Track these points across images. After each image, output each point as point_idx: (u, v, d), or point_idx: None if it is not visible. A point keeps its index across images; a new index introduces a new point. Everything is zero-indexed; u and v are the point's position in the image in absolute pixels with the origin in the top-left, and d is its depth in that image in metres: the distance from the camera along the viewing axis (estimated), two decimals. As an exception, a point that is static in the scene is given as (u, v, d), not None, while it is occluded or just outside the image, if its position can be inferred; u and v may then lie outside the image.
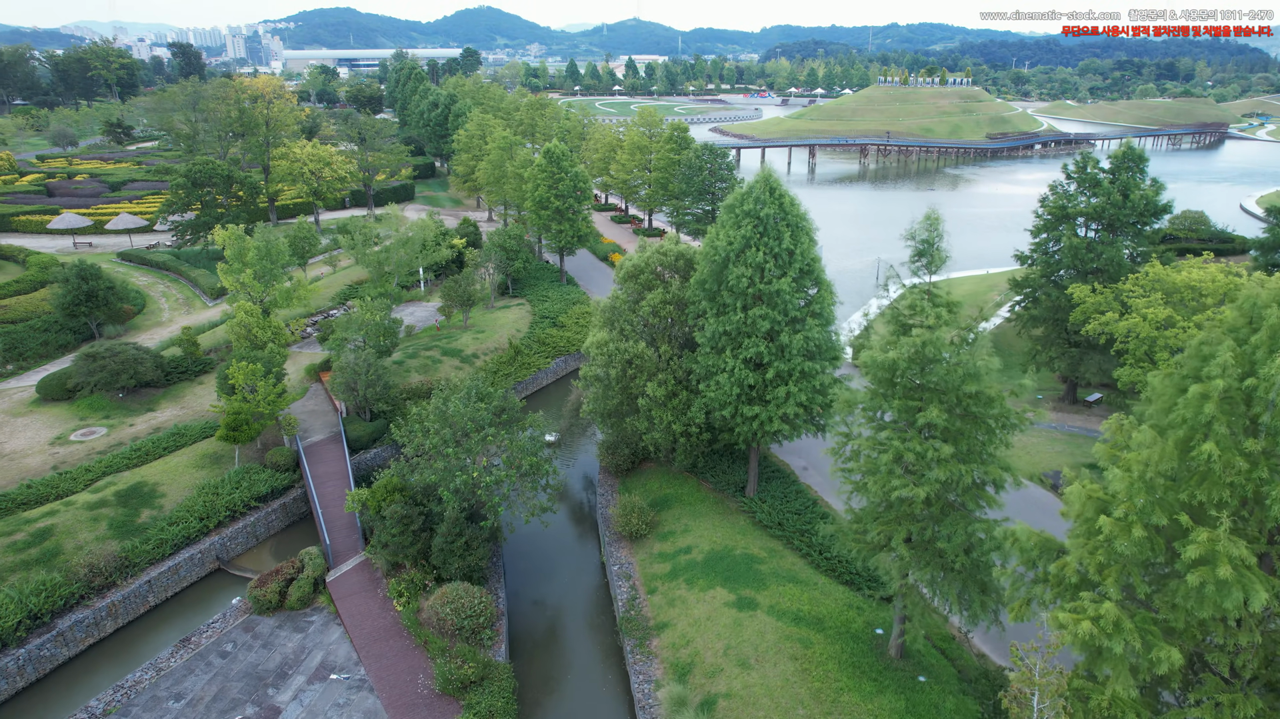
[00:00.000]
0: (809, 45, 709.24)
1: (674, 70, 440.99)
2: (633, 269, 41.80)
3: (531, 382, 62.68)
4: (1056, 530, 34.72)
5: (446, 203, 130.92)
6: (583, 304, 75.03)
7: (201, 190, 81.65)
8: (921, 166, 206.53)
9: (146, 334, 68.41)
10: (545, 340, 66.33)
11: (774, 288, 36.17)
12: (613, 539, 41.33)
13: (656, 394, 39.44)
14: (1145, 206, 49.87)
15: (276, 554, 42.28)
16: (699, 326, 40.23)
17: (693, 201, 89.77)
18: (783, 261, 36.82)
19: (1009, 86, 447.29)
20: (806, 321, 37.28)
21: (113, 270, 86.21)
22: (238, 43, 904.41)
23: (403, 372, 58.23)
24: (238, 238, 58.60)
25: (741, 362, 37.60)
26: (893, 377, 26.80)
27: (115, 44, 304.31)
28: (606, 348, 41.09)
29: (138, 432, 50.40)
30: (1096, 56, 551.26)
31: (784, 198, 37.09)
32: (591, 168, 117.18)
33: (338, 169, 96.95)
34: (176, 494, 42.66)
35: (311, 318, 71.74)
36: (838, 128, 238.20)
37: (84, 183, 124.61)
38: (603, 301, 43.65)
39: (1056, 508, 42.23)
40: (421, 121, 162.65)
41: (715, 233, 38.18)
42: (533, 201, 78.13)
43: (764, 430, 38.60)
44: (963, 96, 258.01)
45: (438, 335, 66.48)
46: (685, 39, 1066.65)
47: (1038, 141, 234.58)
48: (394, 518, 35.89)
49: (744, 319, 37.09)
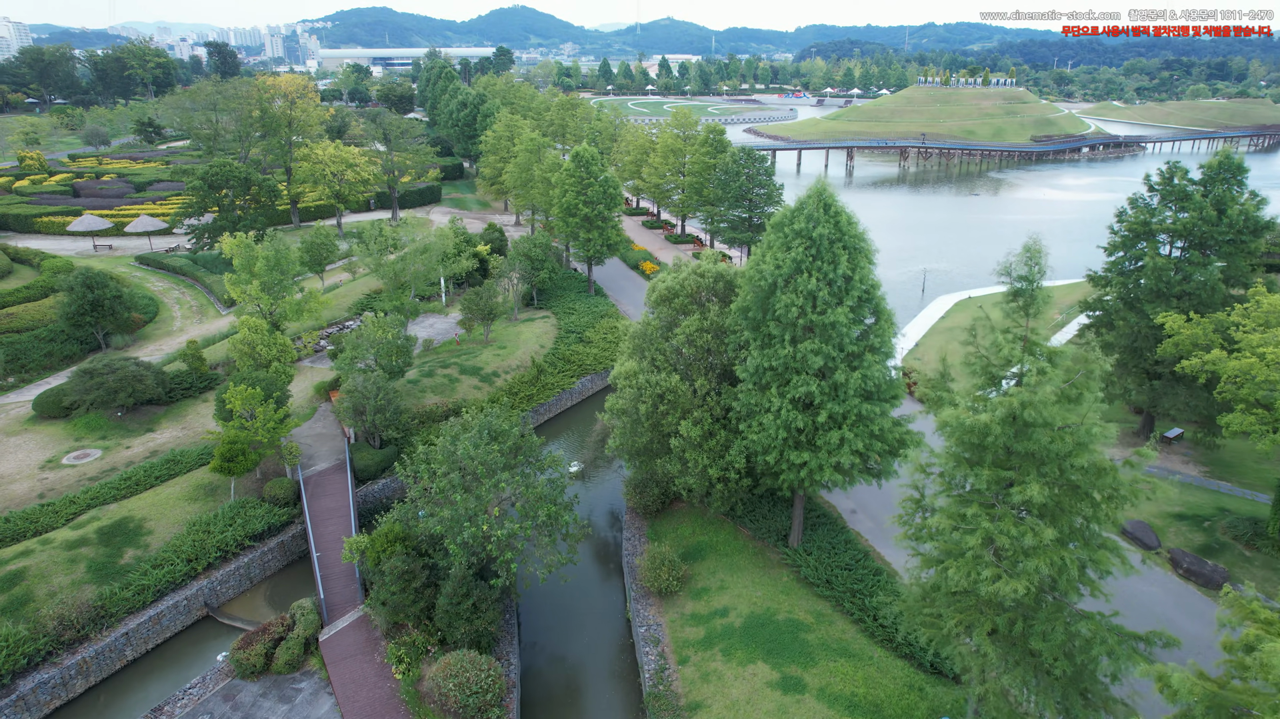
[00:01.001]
0: (844, 45, 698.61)
1: (708, 70, 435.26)
2: (666, 292, 37.39)
3: (555, 403, 58.58)
4: (1156, 601, 29.82)
5: (474, 205, 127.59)
6: (611, 317, 70.80)
7: (219, 193, 78.85)
8: (963, 170, 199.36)
9: (155, 344, 65.53)
10: (570, 358, 62.18)
11: (828, 319, 31.55)
12: (640, 594, 36.98)
13: (691, 434, 35.03)
14: (1245, 223, 44.25)
15: (271, 600, 38.59)
16: (740, 359, 35.74)
17: (729, 208, 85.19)
18: (838, 289, 32.19)
19: (1051, 87, 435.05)
20: (864, 357, 32.61)
21: (129, 275, 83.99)
22: (276, 42, 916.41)
23: (417, 392, 54.45)
24: (245, 247, 55.29)
25: (789, 401, 33.04)
26: (981, 441, 22.09)
27: (152, 44, 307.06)
28: (635, 380, 36.75)
29: (134, 455, 47.15)
30: (1141, 56, 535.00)
31: (840, 215, 32.45)
32: (622, 170, 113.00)
33: (360, 171, 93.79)
34: (165, 531, 39.13)
35: (326, 329, 68.38)
36: (876, 129, 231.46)
37: (110, 183, 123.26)
38: (631, 327, 39.31)
39: (1153, 573, 37.09)
40: (450, 121, 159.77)
41: (761, 254, 33.66)
42: (560, 208, 74.09)
43: (813, 479, 34.01)
44: (1006, 98, 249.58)
45: (457, 350, 62.69)
46: (719, 38, 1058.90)
47: (1085, 144, 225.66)
48: (394, 574, 31.89)
49: (793, 353, 32.53)
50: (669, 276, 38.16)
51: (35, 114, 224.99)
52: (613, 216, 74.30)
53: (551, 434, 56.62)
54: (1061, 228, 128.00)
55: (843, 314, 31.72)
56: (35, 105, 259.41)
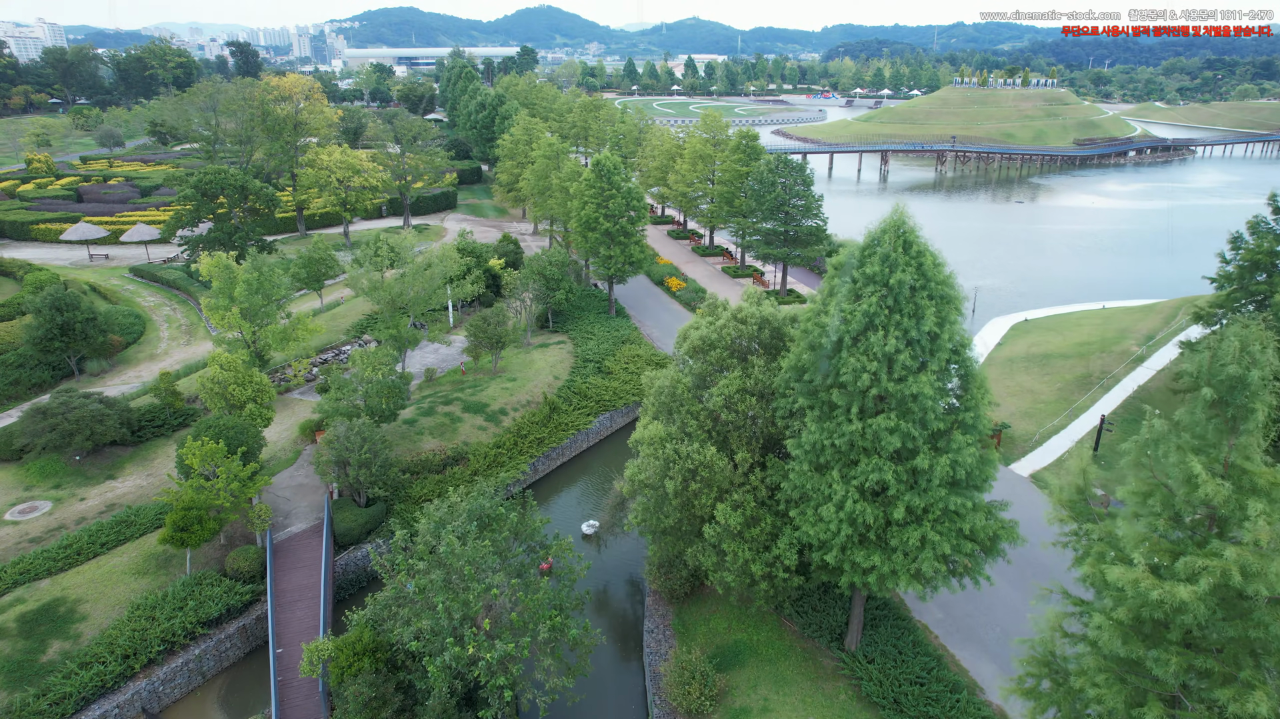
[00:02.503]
0: (872, 44, 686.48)
1: (734, 70, 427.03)
2: (700, 343, 30.67)
3: (569, 445, 52.07)
4: None
5: (490, 212, 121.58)
6: (634, 343, 64.16)
7: (214, 201, 73.30)
8: (1003, 175, 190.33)
9: (136, 370, 59.96)
10: (587, 393, 55.64)
11: (909, 390, 24.73)
12: (665, 712, 30.30)
13: (730, 521, 28.33)
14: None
15: (226, 702, 32.39)
16: (792, 429, 28.99)
17: (762, 219, 77.98)
18: (922, 350, 25.34)
19: (1088, 87, 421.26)
20: (953, 437, 25.74)
21: (120, 288, 78.86)
22: (304, 42, 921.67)
23: (413, 434, 48.18)
24: (224, 268, 49.36)
25: (856, 489, 26.25)
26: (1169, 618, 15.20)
27: (174, 43, 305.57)
28: (663, 450, 30.09)
29: (87, 509, 41.35)
30: (1179, 55, 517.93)
31: (924, 256, 25.61)
32: (647, 176, 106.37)
33: (368, 178, 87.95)
34: (102, 616, 33.11)
35: (322, 354, 62.47)
36: (911, 132, 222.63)
37: (115, 187, 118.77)
38: (657, 379, 32.61)
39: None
40: (469, 123, 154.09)
41: (822, 303, 26.90)
42: (578, 221, 67.61)
43: (884, 587, 27.19)
44: (1047, 99, 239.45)
45: (461, 382, 56.43)
46: (745, 38, 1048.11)
47: (1131, 148, 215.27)
48: (358, 700, 25.52)
49: (861, 430, 25.73)
50: (704, 323, 31.42)
51: (58, 115, 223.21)
52: (636, 231, 67.67)
53: (564, 482, 50.14)
54: (1114, 239, 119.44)
55: (927, 384, 24.87)
56: (59, 106, 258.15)
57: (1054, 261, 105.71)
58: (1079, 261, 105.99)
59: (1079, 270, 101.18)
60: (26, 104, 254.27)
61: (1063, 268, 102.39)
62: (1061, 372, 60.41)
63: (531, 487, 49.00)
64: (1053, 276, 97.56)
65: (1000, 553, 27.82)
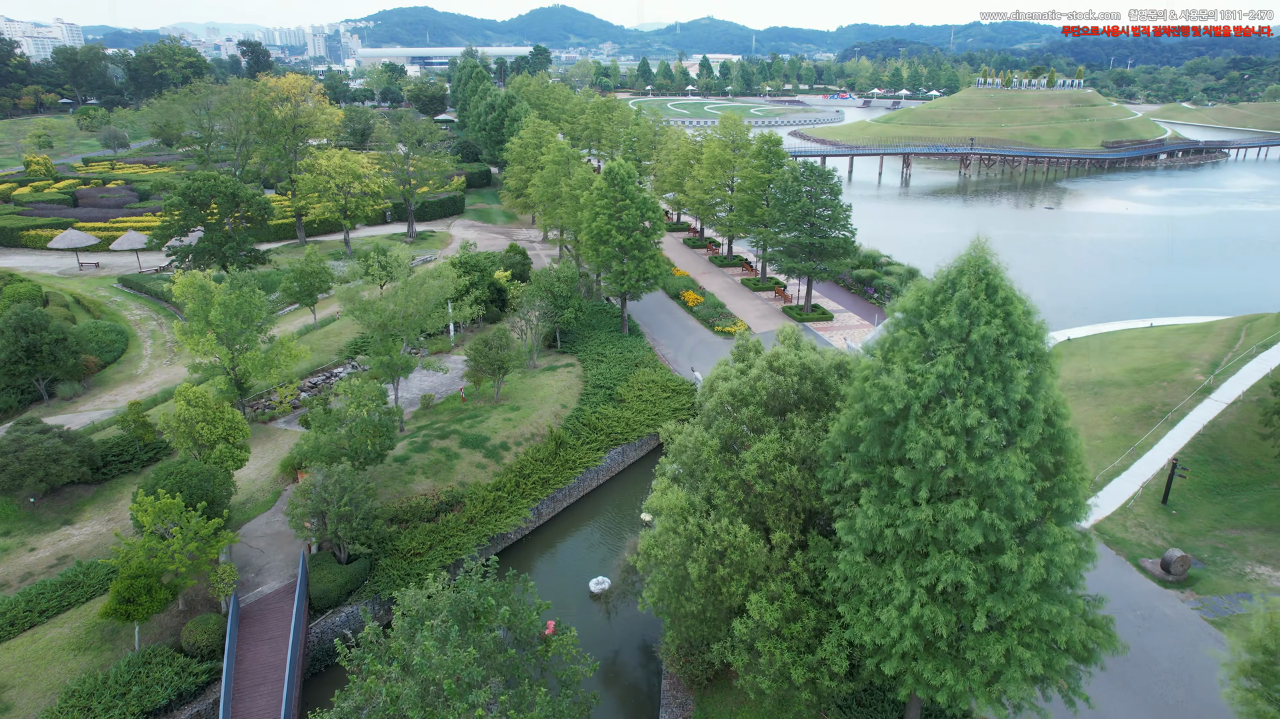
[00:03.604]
0: (888, 44, 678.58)
1: (750, 70, 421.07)
2: (730, 397, 25.78)
3: (577, 485, 47.28)
4: None
5: (499, 218, 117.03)
6: (648, 366, 59.26)
7: (203, 210, 69.03)
8: (1029, 178, 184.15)
9: (112, 394, 55.67)
10: (597, 425, 50.83)
11: (994, 473, 19.79)
12: (684, 839, 25.48)
13: (766, 617, 23.48)
14: None
15: (170, 808, 27.84)
16: (842, 506, 24.07)
17: (784, 230, 72.75)
18: (1009, 421, 20.39)
19: (1111, 88, 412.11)
20: (1046, 529, 20.76)
21: (107, 300, 74.84)
22: (319, 41, 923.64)
23: (404, 474, 43.52)
24: (199, 288, 44.88)
25: (924, 590, 21.31)
26: None
27: (190, 42, 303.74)
28: (685, 525, 25.23)
29: (36, 562, 36.96)
30: (1200, 54, 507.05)
31: (1012, 304, 20.63)
32: (662, 181, 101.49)
33: (369, 184, 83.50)
34: (30, 705, 28.60)
35: (312, 376, 58.02)
36: (932, 134, 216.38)
37: (113, 191, 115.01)
38: (677, 437, 27.71)
39: None
40: (478, 125, 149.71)
41: (882, 358, 21.97)
42: (589, 233, 62.84)
43: (956, 708, 22.25)
44: (1073, 100, 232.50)
45: (460, 411, 51.77)
46: (759, 38, 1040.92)
47: (1163, 151, 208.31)
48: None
49: (932, 518, 20.80)
50: (733, 372, 26.50)
51: (67, 115, 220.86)
52: (652, 244, 62.81)
53: (570, 526, 45.37)
54: (1151, 248, 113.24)
55: (1017, 465, 19.91)
56: (69, 106, 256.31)
57: (1089, 273, 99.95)
58: (1116, 273, 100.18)
59: (1117, 283, 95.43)
60: (37, 104, 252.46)
61: (1099, 280, 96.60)
62: (1117, 403, 55.03)
63: (533, 534, 44.31)
64: (1090, 290, 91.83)
65: (1097, 662, 22.82)
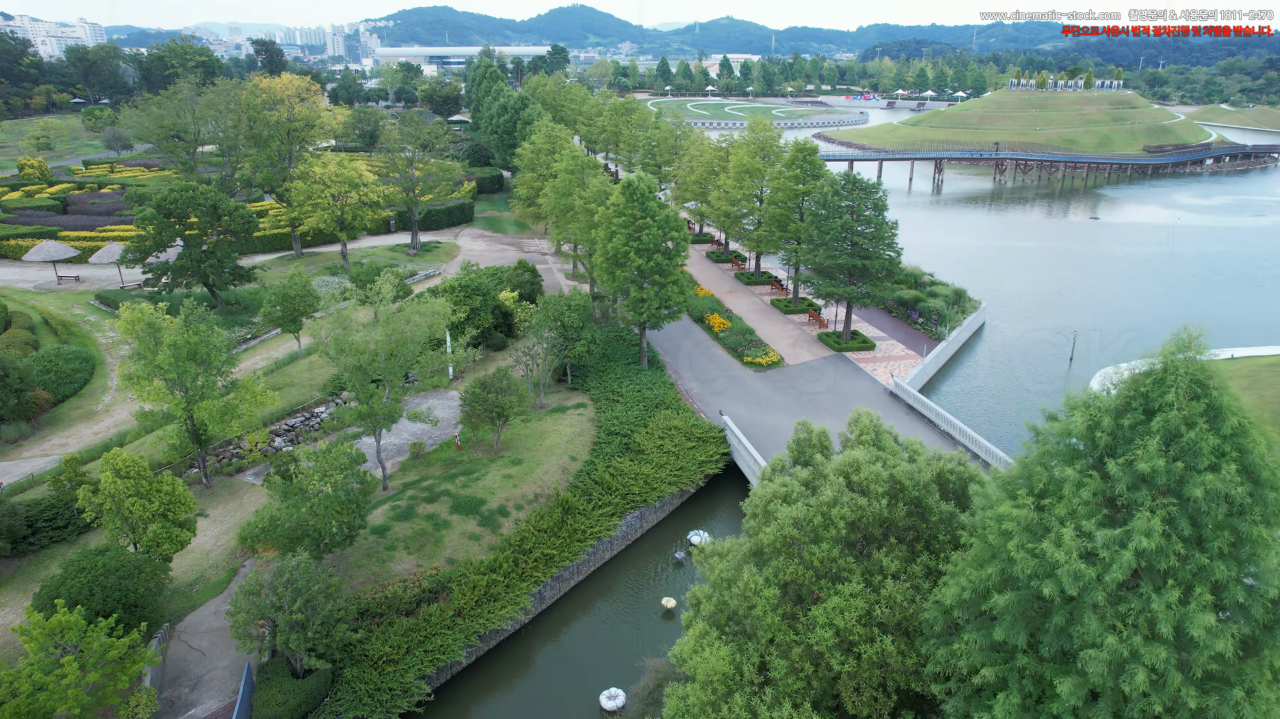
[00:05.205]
0: (910, 44, 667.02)
1: (771, 70, 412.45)
2: (784, 535, 18.51)
3: (587, 560, 40.20)
4: None
5: (509, 227, 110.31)
6: (670, 408, 52.01)
7: (181, 224, 62.71)
8: (1067, 184, 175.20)
9: (64, 435, 49.24)
10: (611, 484, 43.71)
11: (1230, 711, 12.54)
12: None
13: None
14: None
15: None
16: (955, 699, 16.85)
17: (818, 248, 64.92)
18: (1252, 624, 13.11)
19: (1143, 89, 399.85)
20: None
21: (81, 319, 68.72)
22: (338, 41, 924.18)
23: (383, 550, 36.66)
24: (146, 325, 38.27)
25: None
26: None
27: (210, 41, 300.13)
28: (728, 707, 18.03)
29: (-70, 668, 30.39)
30: (1232, 54, 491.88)
31: (1248, 437, 13.34)
32: (684, 189, 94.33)
33: (368, 192, 76.92)
34: None
35: (289, 418, 51.37)
36: (963, 137, 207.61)
37: (106, 196, 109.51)
38: (716, 567, 20.51)
39: None
40: (490, 127, 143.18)
41: (1029, 504, 14.73)
42: (604, 254, 55.83)
43: None
44: (1112, 101, 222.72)
45: (455, 461, 44.89)
46: (779, 38, 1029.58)
47: (1210, 155, 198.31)
48: None
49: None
50: (794, 488, 19.18)
51: (77, 115, 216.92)
52: (674, 268, 55.65)
53: (577, 612, 38.29)
54: (1210, 265, 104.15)
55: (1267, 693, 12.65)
56: (81, 106, 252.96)
57: (1146, 293, 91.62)
58: (1175, 293, 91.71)
59: (1179, 304, 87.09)
60: (49, 104, 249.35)
61: (1160, 301, 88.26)
62: None
63: (534, 622, 37.30)
64: (1151, 312, 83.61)
65: None
